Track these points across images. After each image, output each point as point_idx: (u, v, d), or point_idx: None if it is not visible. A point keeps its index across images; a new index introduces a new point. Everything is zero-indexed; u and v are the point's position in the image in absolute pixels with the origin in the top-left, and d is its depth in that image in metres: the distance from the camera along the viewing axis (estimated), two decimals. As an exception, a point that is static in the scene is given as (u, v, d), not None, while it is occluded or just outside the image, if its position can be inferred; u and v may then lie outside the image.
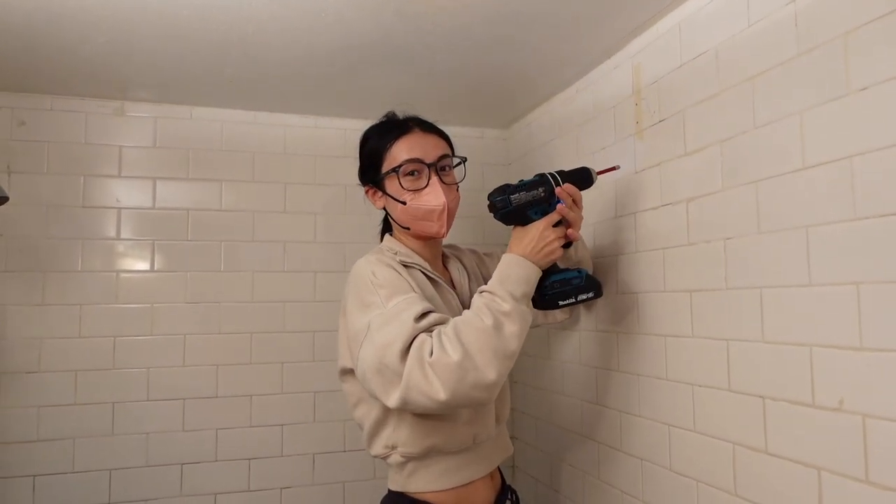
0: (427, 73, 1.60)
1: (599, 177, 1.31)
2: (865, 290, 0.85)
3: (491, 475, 1.28)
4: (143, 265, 1.79)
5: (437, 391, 0.99)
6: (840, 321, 0.89)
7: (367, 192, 1.30)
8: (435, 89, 1.71)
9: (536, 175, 1.22)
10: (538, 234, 1.16)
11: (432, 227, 1.24)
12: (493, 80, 1.66)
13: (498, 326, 1.04)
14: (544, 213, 1.18)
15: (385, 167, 1.25)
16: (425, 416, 1.15)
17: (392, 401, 1.03)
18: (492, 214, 1.22)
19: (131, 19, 1.30)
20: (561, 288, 1.22)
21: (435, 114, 1.36)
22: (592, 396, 1.55)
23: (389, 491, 1.24)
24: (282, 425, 1.86)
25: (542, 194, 1.18)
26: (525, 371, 1.95)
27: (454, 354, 0.99)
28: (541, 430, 1.85)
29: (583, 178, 1.26)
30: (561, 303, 1.23)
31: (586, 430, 1.58)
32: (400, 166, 1.22)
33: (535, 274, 1.14)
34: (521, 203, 1.17)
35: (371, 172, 1.29)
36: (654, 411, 1.30)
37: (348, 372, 1.22)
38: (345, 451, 1.91)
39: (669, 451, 1.25)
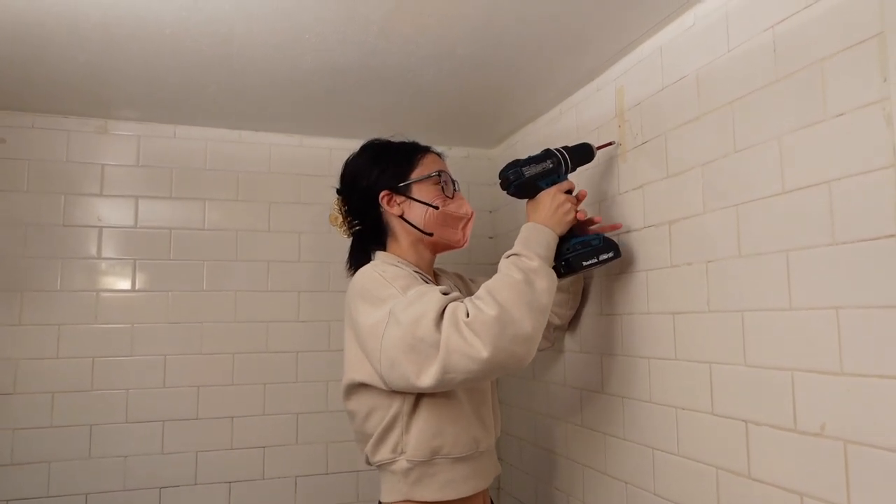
0: (412, 94, 1.60)
1: (588, 162, 1.36)
2: (845, 314, 0.85)
3: (483, 496, 1.27)
4: (125, 284, 1.77)
5: (479, 349, 0.99)
6: (820, 346, 0.89)
7: (382, 197, 1.28)
8: (420, 109, 1.72)
9: (543, 150, 1.28)
10: (551, 199, 1.22)
11: (455, 235, 1.30)
12: (478, 100, 1.67)
13: (529, 282, 1.08)
14: (553, 184, 1.25)
15: (417, 173, 1.28)
16: (433, 415, 1.15)
17: (429, 376, 1.02)
18: (504, 191, 1.28)
19: (115, 37, 1.30)
20: (582, 249, 1.24)
21: (420, 133, 1.37)
22: (577, 418, 1.54)
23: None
24: (263, 447, 1.83)
25: (551, 166, 1.25)
26: (510, 392, 1.94)
27: (490, 311, 1.01)
28: (525, 452, 1.83)
29: (584, 152, 1.32)
30: (584, 263, 1.23)
31: (571, 453, 1.56)
32: (437, 174, 1.28)
33: (553, 239, 1.19)
34: (532, 175, 1.24)
35: (395, 177, 1.29)
36: (639, 434, 1.29)
37: (357, 387, 1.20)
38: (328, 474, 1.88)
39: (654, 475, 1.24)
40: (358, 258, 1.36)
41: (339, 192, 1.36)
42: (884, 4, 0.81)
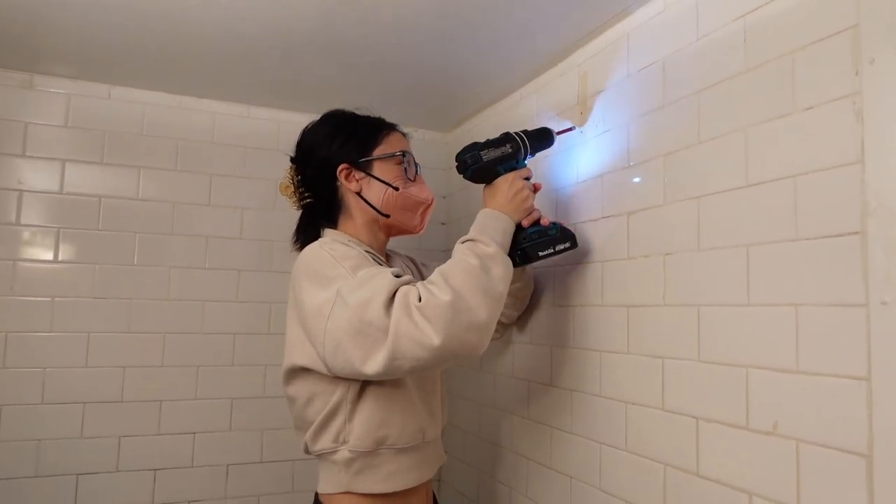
0: (367, 67, 1.53)
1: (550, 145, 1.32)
2: (804, 312, 0.84)
3: (427, 486, 1.22)
4: (46, 254, 1.63)
5: (430, 336, 0.95)
6: (777, 343, 0.87)
7: (340, 170, 1.21)
8: (375, 84, 1.64)
9: (501, 133, 1.23)
10: (509, 185, 1.18)
11: (413, 220, 1.26)
12: (436, 79, 1.61)
13: (485, 268, 1.04)
14: (512, 170, 1.20)
15: (381, 150, 1.22)
16: (379, 404, 1.10)
17: (376, 362, 0.97)
18: (460, 174, 1.23)
19: (39, -20, 1.17)
20: (539, 238, 1.20)
21: (373, 111, 1.29)
22: (524, 411, 1.51)
23: (321, 495, 1.15)
24: (193, 433, 1.73)
25: (510, 150, 1.20)
26: (455, 382, 1.90)
27: (444, 295, 0.97)
28: (469, 444, 1.79)
29: (544, 137, 1.28)
30: (540, 253, 1.19)
31: (516, 446, 1.53)
32: (401, 154, 1.23)
33: (510, 226, 1.16)
34: (490, 159, 1.19)
35: (357, 151, 1.22)
36: (586, 428, 1.27)
37: (298, 371, 1.13)
38: (262, 463, 1.79)
39: (600, 470, 1.22)
40: (306, 233, 1.29)
41: (293, 160, 1.28)
42: (860, -4, 0.79)
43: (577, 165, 1.36)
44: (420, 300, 0.98)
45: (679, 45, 1.09)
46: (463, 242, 1.11)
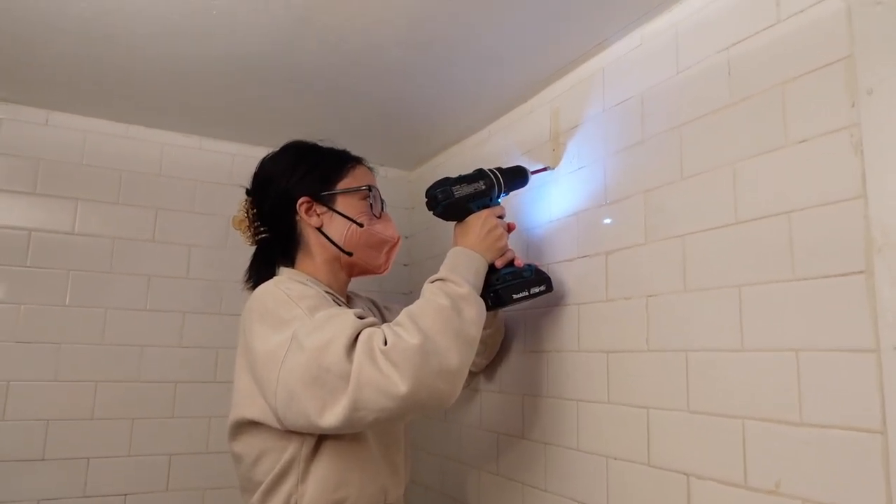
0: (328, 98, 1.45)
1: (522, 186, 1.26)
2: (806, 357, 0.77)
3: None
4: (-37, 294, 1.46)
5: (396, 383, 0.85)
6: (777, 392, 0.80)
7: (301, 203, 1.12)
8: (336, 117, 1.56)
9: (475, 170, 1.17)
10: (482, 223, 1.12)
11: (377, 259, 1.18)
12: (400, 113, 1.54)
13: (457, 309, 0.96)
14: (485, 207, 1.14)
15: (345, 184, 1.15)
16: (337, 462, 0.99)
17: (335, 414, 0.87)
18: (430, 210, 1.16)
19: (-32, -11, 1.06)
20: (512, 280, 1.12)
21: (336, 143, 1.21)
22: (493, 466, 1.40)
23: None
24: (125, 495, 1.54)
25: (483, 187, 1.15)
26: (415, 433, 1.77)
27: (412, 339, 0.89)
28: (431, 502, 1.66)
29: (519, 176, 1.22)
30: (515, 296, 1.12)
31: (484, 504, 1.42)
32: (367, 188, 1.16)
33: (483, 266, 1.09)
34: (462, 195, 1.13)
35: (319, 184, 1.14)
36: (563, 486, 1.17)
37: (246, 425, 1.01)
38: (202, 527, 1.62)
39: (578, 533, 1.12)
40: (260, 271, 1.18)
41: (249, 192, 1.18)
42: (853, 27, 0.76)
43: (549, 204, 1.30)
44: (385, 343, 0.89)
45: (658, 80, 1.05)
46: (433, 282, 1.03)
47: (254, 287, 1.18)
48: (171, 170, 1.69)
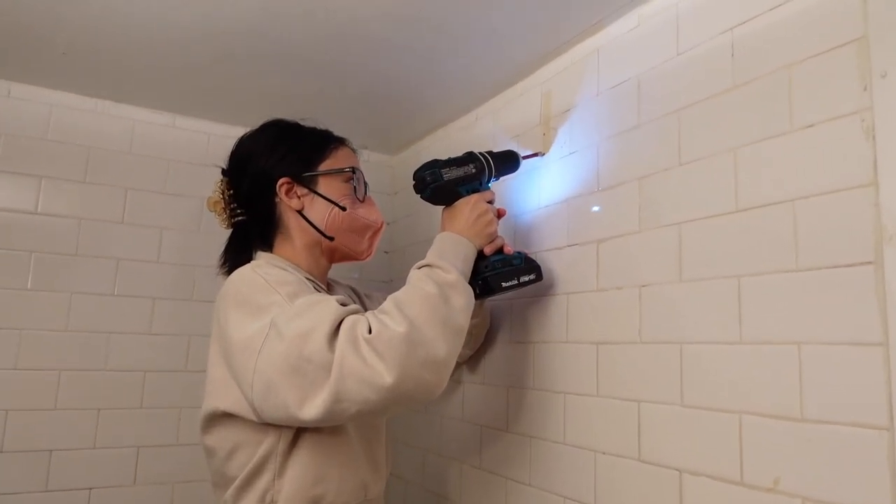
0: (310, 75, 1.39)
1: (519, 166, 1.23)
2: (809, 351, 0.74)
3: None
4: (-84, 275, 1.38)
5: (381, 373, 0.81)
6: (777, 386, 0.77)
7: (281, 185, 1.06)
8: (317, 96, 1.49)
9: (465, 153, 1.13)
10: (471, 207, 1.08)
11: (360, 245, 1.12)
12: (385, 94, 1.48)
13: (444, 297, 0.92)
14: (475, 192, 1.11)
15: (327, 165, 1.09)
16: (315, 456, 0.94)
17: (315, 406, 0.82)
18: (418, 194, 1.11)
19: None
20: (502, 268, 1.08)
21: (318, 123, 1.15)
22: (475, 459, 1.36)
23: None
24: (90, 489, 1.47)
25: (473, 171, 1.11)
26: (395, 425, 1.73)
27: (398, 327, 0.84)
28: (411, 497, 1.62)
29: (510, 160, 1.18)
30: (504, 284, 1.08)
31: (466, 499, 1.38)
32: (351, 170, 1.10)
33: (472, 252, 1.05)
34: (451, 178, 1.08)
35: (300, 164, 1.08)
36: (548, 481, 1.13)
37: (220, 417, 0.96)
38: (171, 521, 1.55)
39: (564, 529, 1.09)
40: (236, 255, 1.12)
41: (225, 172, 1.12)
42: (867, 7, 0.72)
43: (537, 190, 1.26)
44: (370, 332, 0.84)
45: (656, 62, 1.01)
46: (419, 268, 0.98)
47: (229, 272, 1.12)
48: (142, 148, 1.61)
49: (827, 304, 0.73)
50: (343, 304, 0.90)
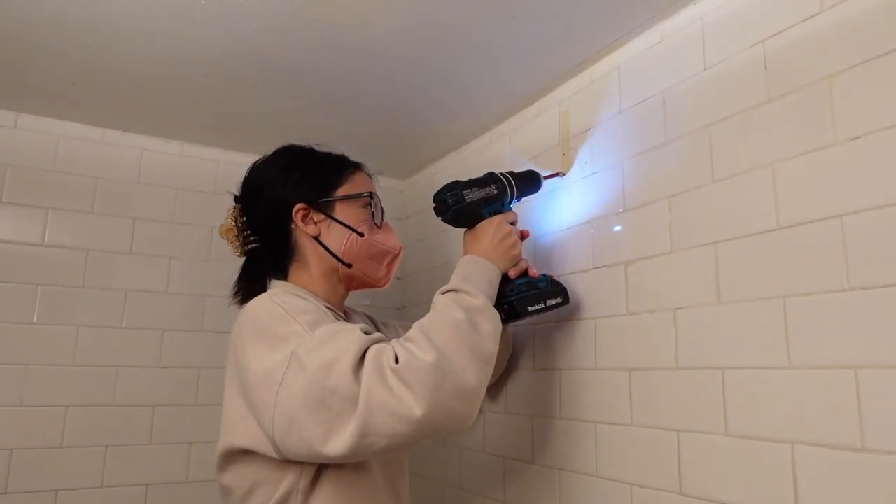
0: (321, 99, 1.36)
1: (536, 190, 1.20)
2: (866, 376, 0.70)
3: None
4: (-81, 311, 1.34)
5: (410, 405, 0.77)
6: (833, 414, 0.72)
7: (297, 210, 1.03)
8: (327, 121, 1.46)
9: (486, 173, 1.10)
10: (495, 229, 1.05)
11: (378, 272, 1.08)
12: (397, 116, 1.46)
13: (473, 323, 0.88)
14: (497, 213, 1.08)
15: (344, 190, 1.06)
16: (338, 493, 0.90)
17: (342, 440, 0.77)
18: (439, 216, 1.09)
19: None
20: (528, 291, 1.04)
21: (332, 149, 1.13)
22: (499, 493, 1.30)
23: None
24: (97, 531, 1.42)
25: (495, 192, 1.08)
26: (413, 458, 1.66)
27: (427, 356, 0.80)
28: (431, 531, 1.56)
29: (532, 181, 1.16)
30: (530, 308, 1.04)
31: (490, 535, 1.32)
32: (368, 195, 1.08)
33: (497, 276, 1.02)
34: (473, 200, 1.05)
35: (317, 190, 1.05)
36: (581, 516, 1.08)
37: (238, 454, 0.91)
38: (182, 563, 1.49)
39: (600, 568, 1.03)
40: (250, 284, 1.09)
41: (237, 198, 1.09)
42: (912, 12, 0.69)
43: (558, 211, 1.23)
44: (397, 361, 0.80)
45: (682, 77, 0.98)
46: (444, 293, 0.95)
47: (243, 301, 1.09)
48: (150, 177, 1.59)
49: (884, 325, 0.69)
50: (366, 333, 0.87)
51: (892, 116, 0.70)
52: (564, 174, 1.21)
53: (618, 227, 1.08)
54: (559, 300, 1.08)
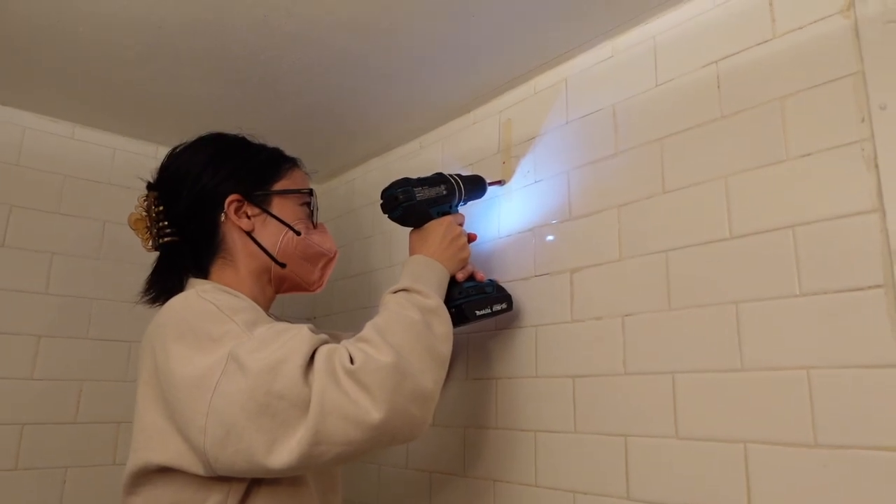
0: (239, 85, 1.25)
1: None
2: (819, 376, 0.74)
3: None
4: None
5: (368, 409, 0.71)
6: (786, 414, 0.76)
7: (230, 202, 0.94)
8: (245, 109, 1.35)
9: (434, 173, 1.08)
10: (445, 230, 1.02)
11: (312, 275, 1.02)
12: (321, 114, 1.38)
13: (427, 324, 0.85)
14: (445, 214, 1.05)
15: (282, 185, 0.99)
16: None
17: (288, 450, 0.70)
18: (387, 213, 1.05)
19: None
20: (475, 295, 1.01)
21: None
22: (425, 510, 1.25)
23: None
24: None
25: (445, 192, 1.06)
26: (323, 477, 1.56)
27: (384, 356, 0.75)
28: (341, 556, 1.46)
29: (478, 184, 1.14)
30: (478, 312, 1.01)
31: (414, 555, 1.26)
32: (309, 192, 1.03)
33: (445, 277, 0.99)
34: (424, 199, 1.03)
35: (253, 182, 0.97)
36: (520, 528, 1.06)
37: (153, 473, 0.79)
38: None
39: (540, 581, 1.01)
40: (165, 282, 0.97)
41: (152, 186, 0.97)
42: (861, 44, 0.76)
43: (497, 219, 1.22)
44: (352, 362, 0.74)
45: (633, 92, 1.02)
46: (395, 292, 0.90)
47: (155, 300, 0.97)
48: (32, 160, 1.38)
49: (835, 329, 0.74)
50: (314, 331, 0.80)
51: (843, 136, 0.76)
52: (506, 182, 1.21)
53: (563, 236, 1.08)
54: (504, 306, 1.07)
